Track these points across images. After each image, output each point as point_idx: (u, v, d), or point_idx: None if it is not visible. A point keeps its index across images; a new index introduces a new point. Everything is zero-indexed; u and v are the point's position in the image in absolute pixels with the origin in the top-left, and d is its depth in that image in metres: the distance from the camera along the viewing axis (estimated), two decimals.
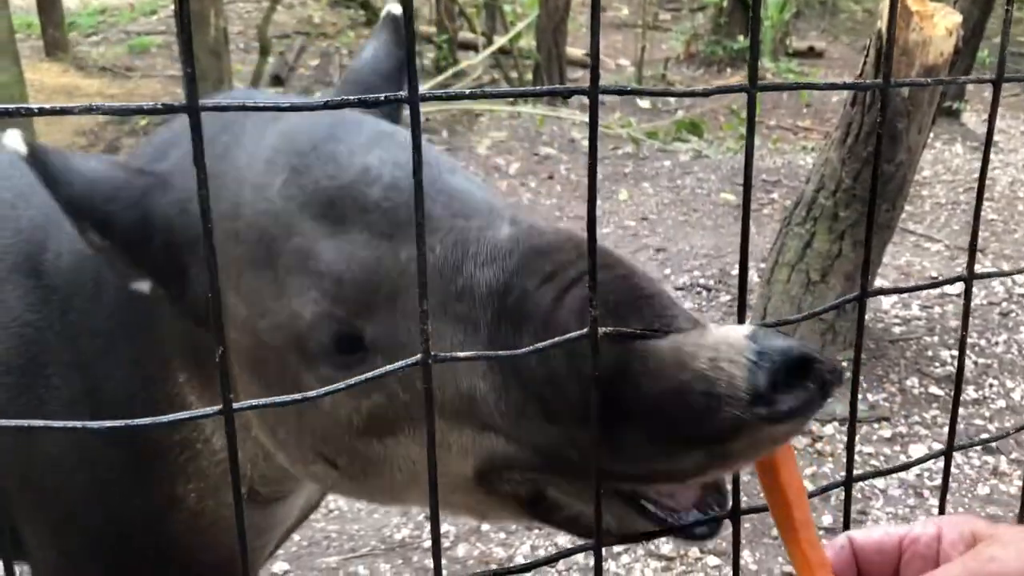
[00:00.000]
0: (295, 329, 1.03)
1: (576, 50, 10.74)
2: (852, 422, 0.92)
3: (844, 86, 0.83)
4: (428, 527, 3.33)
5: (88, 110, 0.58)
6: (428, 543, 3.25)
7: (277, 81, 9.76)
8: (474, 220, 1.01)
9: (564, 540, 3.26)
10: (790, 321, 0.89)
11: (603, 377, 0.80)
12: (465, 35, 10.30)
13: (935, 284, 0.95)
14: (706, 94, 0.76)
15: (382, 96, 0.67)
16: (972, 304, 4.99)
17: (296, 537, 3.22)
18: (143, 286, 1.15)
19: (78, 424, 0.63)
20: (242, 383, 1.14)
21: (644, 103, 9.14)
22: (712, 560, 3.17)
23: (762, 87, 0.78)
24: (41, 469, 1.34)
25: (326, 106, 0.64)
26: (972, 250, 0.94)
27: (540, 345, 0.78)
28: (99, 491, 1.35)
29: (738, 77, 10.29)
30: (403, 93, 0.66)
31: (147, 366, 1.27)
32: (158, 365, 1.27)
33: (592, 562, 2.94)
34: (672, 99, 9.75)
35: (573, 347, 0.82)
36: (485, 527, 3.31)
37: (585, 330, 0.78)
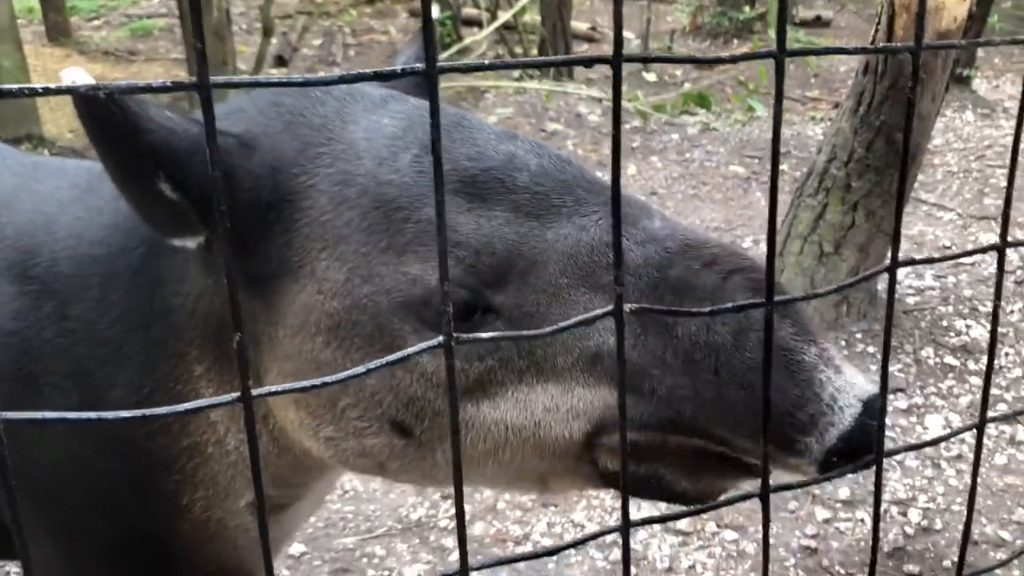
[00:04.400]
0: (414, 294, 1.08)
1: (581, 24, 10.64)
2: (883, 395, 0.89)
3: (874, 50, 0.80)
4: (444, 507, 3.32)
5: (95, 89, 0.55)
6: (444, 522, 3.25)
7: (280, 62, 9.70)
8: (626, 209, 1.10)
9: (579, 517, 3.25)
10: (819, 294, 0.87)
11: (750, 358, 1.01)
12: (469, 11, 10.21)
13: (968, 253, 0.92)
14: (733, 60, 0.73)
15: (399, 68, 0.64)
16: (985, 273, 4.95)
17: (313, 519, 3.22)
18: (189, 243, 1.14)
19: (93, 416, 0.61)
20: (315, 348, 1.13)
21: (651, 76, 9.06)
22: (729, 535, 3.16)
23: (790, 52, 0.76)
24: (37, 477, 1.31)
25: (342, 80, 0.62)
26: (1005, 218, 0.92)
27: (567, 323, 0.76)
28: (97, 502, 1.32)
29: (745, 48, 10.18)
30: (420, 66, 0.64)
31: (159, 365, 1.24)
32: (172, 361, 1.24)
33: (608, 539, 2.90)
34: (679, 72, 9.67)
35: (738, 319, 1.02)
36: (501, 505, 3.31)
37: (610, 307, 0.76)
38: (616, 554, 3.10)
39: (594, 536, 0.81)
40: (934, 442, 0.95)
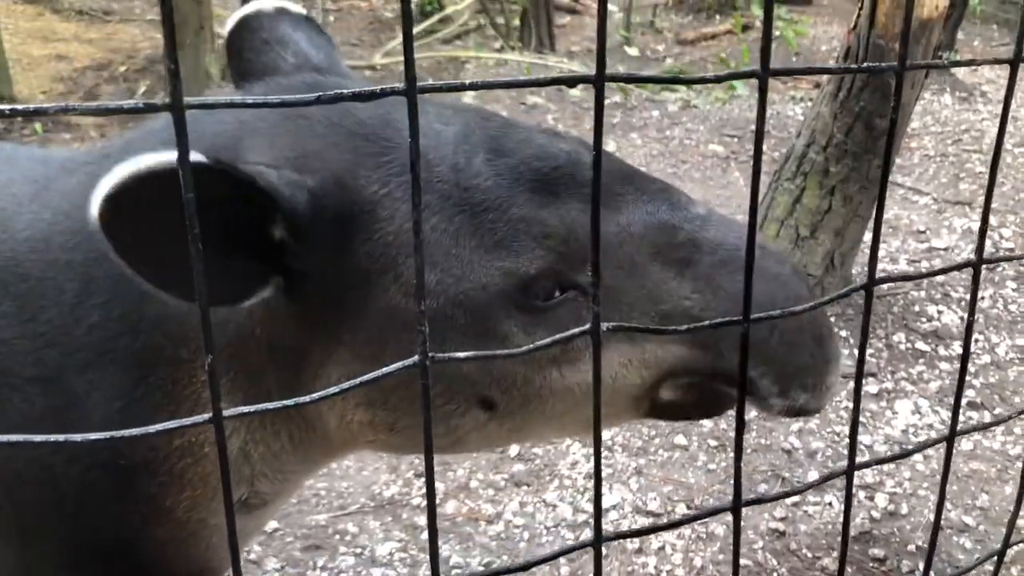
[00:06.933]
0: (510, 285, 1.17)
1: None
2: (855, 416, 0.90)
3: (859, 70, 0.79)
4: (417, 484, 3.33)
5: (64, 110, 0.54)
6: (417, 500, 3.26)
7: None
8: (676, 195, 1.27)
9: (551, 497, 3.28)
10: (795, 312, 0.87)
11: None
12: None
13: (944, 271, 0.93)
14: (718, 80, 0.72)
15: (378, 89, 0.63)
16: (959, 259, 5.00)
17: None
18: (265, 292, 1.11)
19: (61, 437, 0.60)
20: (401, 347, 1.17)
21: (633, 51, 9.01)
22: None
23: (774, 72, 0.75)
24: None
25: (319, 101, 0.61)
26: (982, 234, 0.92)
27: (544, 342, 0.75)
28: (62, 508, 1.28)
29: (727, 25, 10.15)
30: (400, 86, 0.63)
31: (154, 370, 1.22)
32: (172, 366, 1.22)
33: (580, 519, 2.90)
34: (661, 47, 9.63)
35: (794, 289, 1.25)
36: (473, 483, 3.32)
37: (587, 327, 0.76)
38: (587, 535, 3.12)
39: (566, 552, 0.81)
40: (905, 455, 0.96)
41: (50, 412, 1.22)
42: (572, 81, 0.69)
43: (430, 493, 0.75)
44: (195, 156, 0.93)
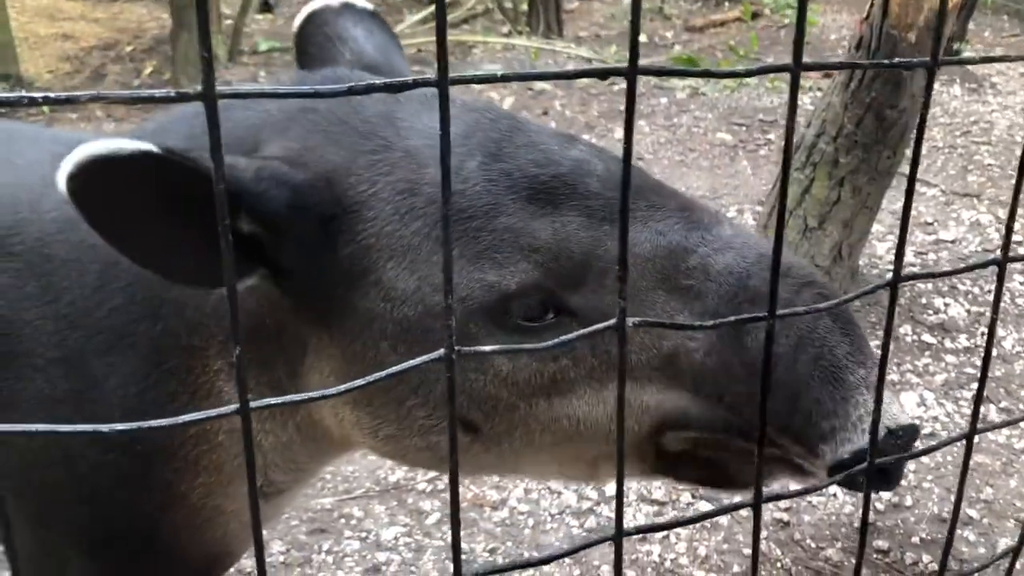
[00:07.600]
0: (490, 300, 1.09)
1: None
2: (876, 413, 0.89)
3: (891, 65, 0.78)
4: (422, 470, 3.34)
5: (95, 98, 0.53)
6: (422, 485, 3.27)
7: (266, 8, 9.52)
8: (697, 213, 1.15)
9: (556, 484, 3.28)
10: (819, 309, 0.86)
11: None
12: None
13: (969, 268, 0.92)
14: (749, 74, 0.72)
15: (410, 79, 0.62)
16: (966, 251, 4.99)
17: None
18: (250, 280, 1.10)
19: (88, 428, 0.59)
20: (379, 353, 1.14)
21: (640, 38, 8.97)
22: (704, 506, 3.20)
23: (807, 67, 0.74)
24: (16, 464, 1.28)
25: (350, 92, 0.60)
26: (1008, 231, 0.91)
27: (570, 336, 0.75)
28: (81, 489, 1.29)
29: (735, 12, 10.09)
30: (432, 77, 0.62)
31: (169, 356, 1.22)
32: (186, 354, 1.22)
33: (584, 507, 2.90)
34: (669, 34, 9.58)
35: (804, 336, 1.07)
36: None
37: (613, 321, 0.75)
38: (591, 522, 3.13)
39: (589, 545, 0.81)
40: (924, 452, 0.96)
41: (71, 394, 1.22)
42: (604, 73, 0.68)
43: (453, 486, 0.74)
44: (146, 145, 0.92)
